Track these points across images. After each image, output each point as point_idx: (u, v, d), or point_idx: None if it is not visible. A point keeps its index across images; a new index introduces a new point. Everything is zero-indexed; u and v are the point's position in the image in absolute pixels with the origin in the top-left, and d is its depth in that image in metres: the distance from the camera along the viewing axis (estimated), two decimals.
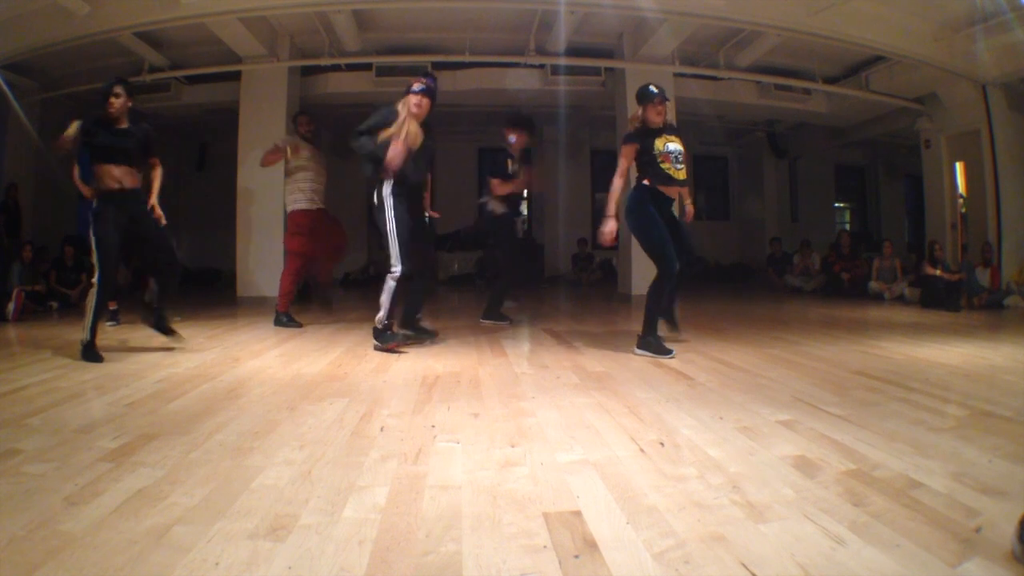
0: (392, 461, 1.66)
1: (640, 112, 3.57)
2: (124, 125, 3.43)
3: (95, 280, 3.30)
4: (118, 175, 3.38)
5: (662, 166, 3.45)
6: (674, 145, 3.51)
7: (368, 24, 6.72)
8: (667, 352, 3.34)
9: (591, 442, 1.83)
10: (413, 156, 3.56)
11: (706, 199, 12.18)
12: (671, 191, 3.50)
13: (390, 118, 3.55)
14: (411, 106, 3.54)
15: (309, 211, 4.69)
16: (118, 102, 3.36)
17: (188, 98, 7.77)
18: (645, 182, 3.48)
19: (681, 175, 3.50)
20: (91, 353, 3.21)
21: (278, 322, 4.62)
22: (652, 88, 3.54)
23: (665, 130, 3.55)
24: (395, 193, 3.51)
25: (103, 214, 3.33)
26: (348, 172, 10.49)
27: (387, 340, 3.54)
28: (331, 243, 4.95)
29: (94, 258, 3.33)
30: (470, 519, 1.30)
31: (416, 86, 3.59)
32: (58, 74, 7.08)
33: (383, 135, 3.51)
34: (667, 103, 3.60)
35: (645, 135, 3.52)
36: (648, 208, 3.45)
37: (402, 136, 3.49)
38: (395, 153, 3.45)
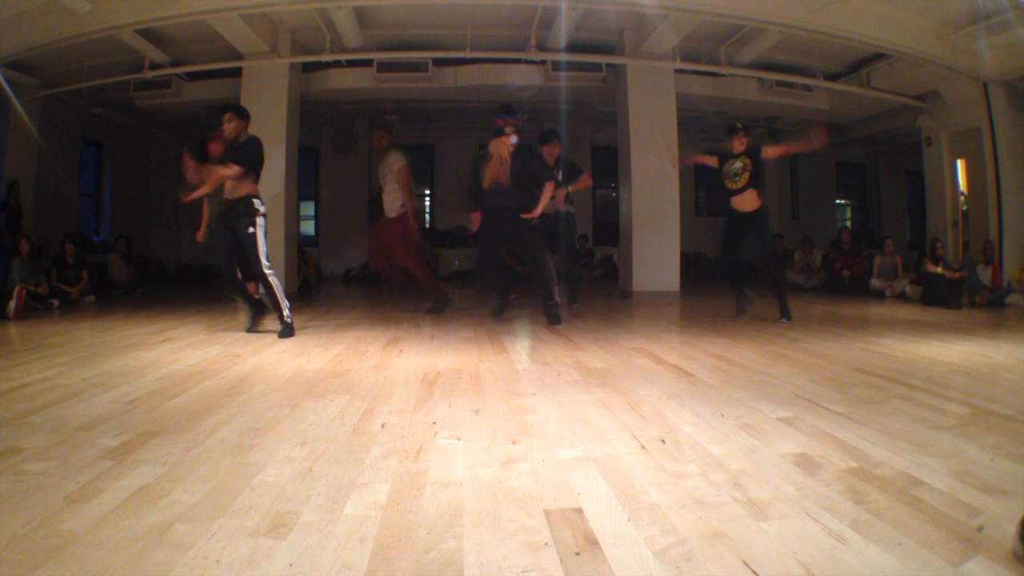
0: (393, 458, 1.66)
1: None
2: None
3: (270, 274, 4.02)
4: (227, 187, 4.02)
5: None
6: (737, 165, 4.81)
7: (369, 20, 6.70)
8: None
9: (592, 439, 1.83)
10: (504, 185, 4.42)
11: (707, 196, 12.16)
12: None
13: (482, 161, 4.50)
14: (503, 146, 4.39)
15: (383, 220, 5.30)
16: (228, 127, 4.00)
17: (189, 95, 7.75)
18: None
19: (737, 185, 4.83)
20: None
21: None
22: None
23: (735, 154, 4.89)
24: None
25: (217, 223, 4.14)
26: (349, 168, 10.53)
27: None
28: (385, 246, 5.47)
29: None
30: (471, 516, 1.30)
31: (507, 128, 4.47)
32: (59, 71, 7.07)
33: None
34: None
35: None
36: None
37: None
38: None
